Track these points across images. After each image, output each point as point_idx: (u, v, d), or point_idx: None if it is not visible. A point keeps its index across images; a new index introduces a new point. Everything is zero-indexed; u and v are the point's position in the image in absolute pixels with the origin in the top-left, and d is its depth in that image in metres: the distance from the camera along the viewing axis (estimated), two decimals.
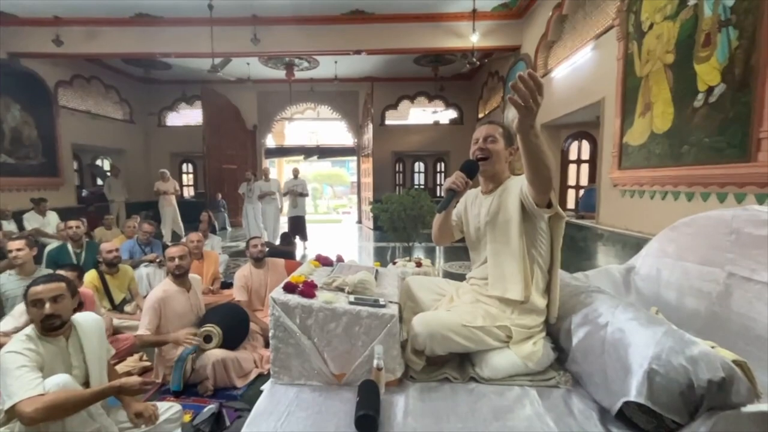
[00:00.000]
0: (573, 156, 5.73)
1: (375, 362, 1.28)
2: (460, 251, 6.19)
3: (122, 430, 1.70)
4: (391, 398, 1.30)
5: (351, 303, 1.39)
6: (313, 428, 1.16)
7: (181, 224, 7.52)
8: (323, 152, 12.45)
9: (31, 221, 5.30)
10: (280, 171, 14.66)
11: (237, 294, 3.20)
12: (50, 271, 2.90)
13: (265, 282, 3.31)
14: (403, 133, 10.30)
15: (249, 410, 1.98)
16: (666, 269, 1.84)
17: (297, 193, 6.93)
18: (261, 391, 2.24)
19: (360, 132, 10.13)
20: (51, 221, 5.43)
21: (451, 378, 1.43)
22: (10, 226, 5.15)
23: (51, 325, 1.56)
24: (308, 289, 1.41)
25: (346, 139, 11.05)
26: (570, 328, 1.41)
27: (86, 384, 1.63)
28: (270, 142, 11.15)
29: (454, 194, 1.50)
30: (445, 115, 10.34)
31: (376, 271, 1.86)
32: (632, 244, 3.26)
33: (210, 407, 2.04)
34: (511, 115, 6.64)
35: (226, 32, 5.96)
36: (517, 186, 1.45)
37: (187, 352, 2.39)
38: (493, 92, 8.16)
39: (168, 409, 1.91)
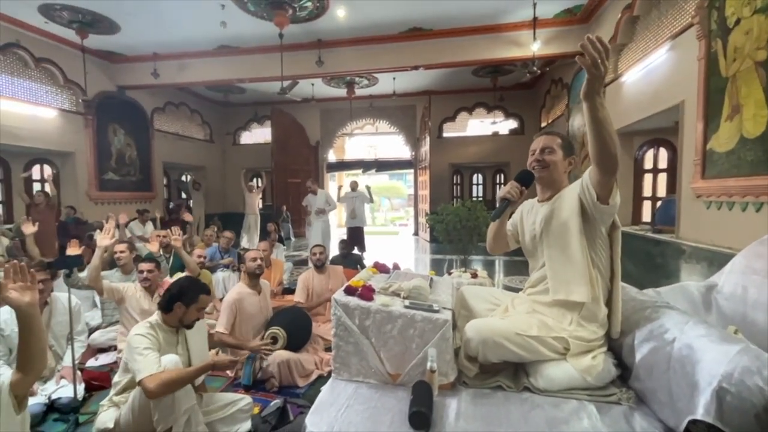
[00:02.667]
0: (648, 165, 5.29)
1: (428, 364, 1.34)
2: (520, 265, 5.97)
3: (204, 413, 1.93)
4: (443, 400, 1.33)
5: (406, 307, 1.47)
6: (370, 420, 1.24)
7: (257, 236, 8.11)
8: (381, 166, 12.76)
9: (134, 229, 6.14)
10: (340, 184, 15.25)
11: (297, 295, 3.46)
12: None
13: (327, 286, 3.54)
14: (461, 145, 10.24)
15: (310, 407, 2.13)
16: (754, 287, 1.66)
17: (367, 199, 7.37)
18: (321, 391, 2.39)
19: (417, 145, 10.26)
20: (149, 230, 6.24)
21: (504, 386, 1.42)
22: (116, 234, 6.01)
23: (193, 325, 1.91)
24: (366, 293, 1.51)
25: (404, 152, 11.24)
26: (633, 344, 1.34)
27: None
28: (331, 156, 11.71)
29: (508, 203, 1.53)
30: (505, 125, 10.10)
31: (431, 279, 1.92)
32: (720, 261, 2.93)
33: (276, 402, 2.20)
34: (577, 122, 6.35)
35: (294, 57, 6.47)
36: (574, 190, 1.43)
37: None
38: (557, 100, 7.84)
39: (240, 400, 2.13)
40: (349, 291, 1.53)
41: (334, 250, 5.71)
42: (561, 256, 1.47)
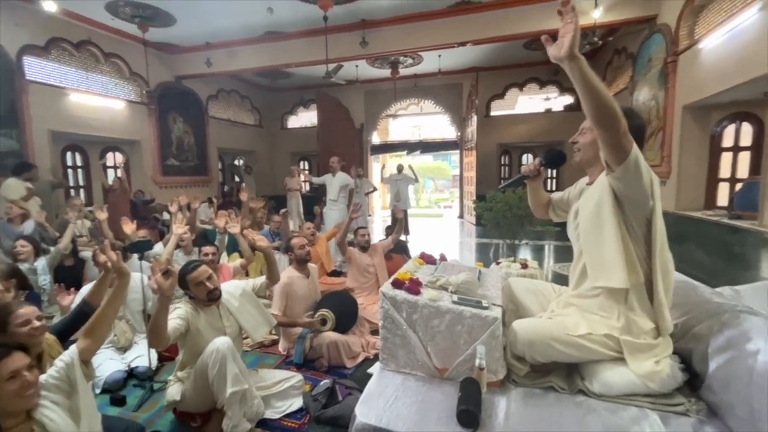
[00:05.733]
0: (728, 142, 4.72)
1: (477, 362, 1.31)
2: (570, 250, 5.68)
3: (258, 389, 2.07)
4: (492, 398, 1.31)
5: (454, 302, 1.44)
6: (418, 415, 1.25)
7: (303, 217, 8.44)
8: (426, 147, 12.54)
9: (200, 214, 6.61)
10: (383, 164, 15.24)
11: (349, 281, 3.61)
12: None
13: (372, 263, 3.69)
14: (510, 124, 9.76)
15: (357, 389, 2.21)
16: None
17: (412, 180, 7.44)
18: (367, 373, 2.46)
19: (463, 125, 9.93)
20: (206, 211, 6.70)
21: (557, 387, 1.37)
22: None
23: (215, 296, 2.01)
24: (414, 287, 1.50)
25: (449, 132, 10.94)
26: (707, 351, 1.23)
27: (240, 337, 2.17)
28: (375, 139, 11.69)
29: (523, 178, 1.60)
30: (560, 101, 9.45)
31: (479, 271, 1.87)
32: None
33: (325, 382, 2.30)
34: (643, 96, 5.78)
35: (338, 39, 6.44)
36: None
37: (306, 331, 2.74)
38: (620, 72, 7.17)
39: (292, 377, 2.26)
40: (397, 284, 1.53)
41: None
42: (596, 239, 1.36)
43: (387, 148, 13.11)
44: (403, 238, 6.73)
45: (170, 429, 2.01)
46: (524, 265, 3.49)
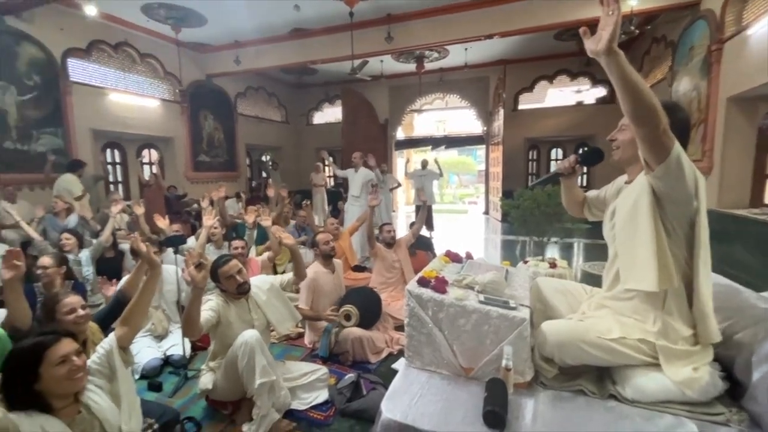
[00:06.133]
0: None
1: (504, 362, 1.30)
2: (601, 248, 5.49)
3: (286, 380, 2.13)
4: (519, 400, 1.30)
5: (481, 302, 1.43)
6: (443, 413, 1.25)
7: (328, 212, 8.56)
8: (451, 142, 12.39)
9: (229, 208, 6.84)
10: (408, 158, 15.16)
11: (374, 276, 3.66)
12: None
13: (397, 259, 3.70)
14: (539, 117, 9.48)
15: (382, 384, 2.23)
16: None
17: (437, 175, 7.42)
18: (391, 369, 2.48)
19: (490, 119, 9.74)
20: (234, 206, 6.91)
21: (587, 391, 1.33)
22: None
23: (245, 289, 2.09)
24: (440, 285, 1.50)
25: (475, 126, 10.76)
26: (751, 360, 1.16)
27: (268, 330, 2.23)
28: (399, 134, 11.65)
29: (557, 176, 1.55)
30: (591, 93, 9.09)
31: (506, 271, 1.84)
32: None
33: (350, 376, 2.34)
34: (683, 87, 5.48)
35: (363, 35, 6.44)
36: None
37: (332, 325, 2.79)
38: (658, 62, 6.82)
39: (318, 370, 2.31)
40: (423, 282, 1.53)
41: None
42: (631, 240, 1.30)
43: (411, 143, 13.04)
44: (427, 234, 6.71)
45: (203, 415, 2.11)
46: (553, 264, 3.40)
